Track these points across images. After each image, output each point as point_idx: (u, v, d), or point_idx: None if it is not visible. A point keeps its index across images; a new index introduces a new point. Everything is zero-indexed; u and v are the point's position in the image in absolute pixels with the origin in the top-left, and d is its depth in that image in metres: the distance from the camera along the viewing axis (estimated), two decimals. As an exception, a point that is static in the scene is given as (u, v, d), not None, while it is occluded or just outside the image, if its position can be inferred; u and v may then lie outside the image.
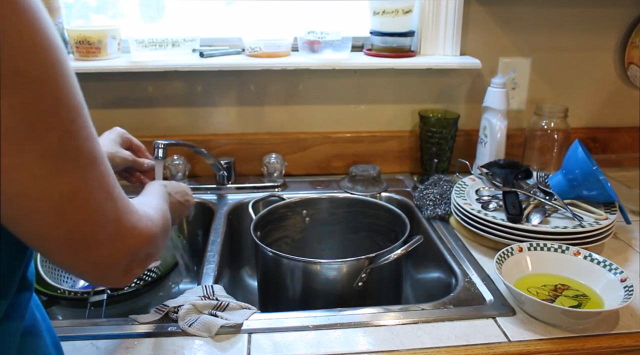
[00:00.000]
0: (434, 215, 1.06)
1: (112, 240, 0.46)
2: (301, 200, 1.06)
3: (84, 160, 0.42)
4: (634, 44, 1.29)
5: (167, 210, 0.63)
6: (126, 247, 0.47)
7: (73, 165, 0.41)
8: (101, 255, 0.45)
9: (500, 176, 1.05)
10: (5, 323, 0.48)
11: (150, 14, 1.31)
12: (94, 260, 0.46)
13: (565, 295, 0.78)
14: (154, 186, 0.73)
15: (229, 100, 1.26)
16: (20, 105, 0.37)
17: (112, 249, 0.46)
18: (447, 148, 1.24)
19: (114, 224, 0.46)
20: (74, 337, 0.71)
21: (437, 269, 0.97)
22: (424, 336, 0.71)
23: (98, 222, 0.44)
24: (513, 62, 1.28)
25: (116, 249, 0.46)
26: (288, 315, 0.76)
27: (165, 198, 0.69)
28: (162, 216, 0.58)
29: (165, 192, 0.71)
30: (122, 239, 0.47)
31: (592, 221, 0.92)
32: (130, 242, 0.48)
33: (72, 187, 0.42)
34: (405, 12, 1.20)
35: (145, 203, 0.59)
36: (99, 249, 0.45)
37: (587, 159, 0.94)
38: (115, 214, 0.46)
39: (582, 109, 1.35)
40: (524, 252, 0.84)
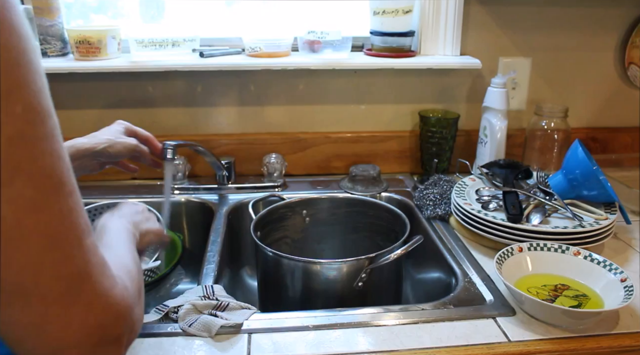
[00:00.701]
0: (434, 215, 1.06)
1: (71, 307, 0.34)
2: (301, 200, 1.06)
3: (44, 181, 0.33)
4: (634, 44, 1.29)
5: (139, 268, 0.51)
6: (93, 321, 0.35)
7: (27, 185, 0.32)
8: (53, 328, 0.34)
9: (501, 176, 1.05)
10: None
11: (150, 13, 1.31)
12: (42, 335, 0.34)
13: (565, 295, 0.78)
14: (114, 228, 0.59)
15: (229, 100, 1.26)
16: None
17: (70, 320, 0.34)
18: (447, 148, 1.24)
19: (78, 285, 0.34)
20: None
21: (437, 269, 0.97)
22: (424, 336, 0.71)
23: (54, 277, 0.33)
24: (513, 62, 1.28)
25: (78, 320, 0.34)
26: (288, 315, 0.76)
27: (133, 247, 0.57)
28: (137, 283, 0.45)
29: (132, 237, 0.61)
30: (88, 308, 0.35)
31: (592, 221, 0.92)
32: (100, 315, 0.35)
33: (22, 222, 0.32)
34: (405, 12, 1.20)
35: (118, 261, 0.45)
36: (49, 318, 0.33)
37: (587, 159, 0.94)
38: (84, 271, 0.35)
39: (582, 109, 1.35)
40: (524, 252, 0.84)
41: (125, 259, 0.50)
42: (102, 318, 0.36)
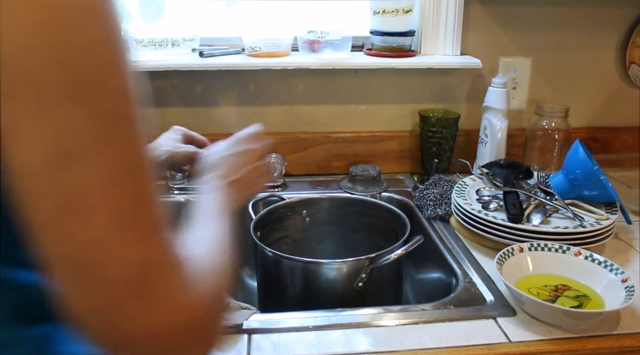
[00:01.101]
0: (434, 215, 1.06)
1: (131, 298, 0.33)
2: (301, 200, 1.06)
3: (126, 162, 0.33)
4: (635, 43, 1.29)
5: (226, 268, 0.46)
6: (153, 321, 0.34)
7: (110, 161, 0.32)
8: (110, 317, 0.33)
9: (501, 176, 1.05)
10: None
11: (149, 13, 1.31)
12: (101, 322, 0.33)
13: (566, 295, 0.77)
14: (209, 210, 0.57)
15: (229, 100, 1.26)
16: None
17: (128, 313, 0.33)
18: (447, 148, 1.23)
19: (143, 275, 0.33)
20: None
21: (437, 269, 0.97)
22: (424, 337, 0.71)
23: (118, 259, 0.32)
24: (513, 61, 1.28)
25: (134, 315, 0.33)
26: (288, 315, 0.76)
27: (226, 234, 0.53)
28: (218, 291, 0.41)
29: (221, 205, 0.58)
30: (148, 305, 0.33)
31: (593, 221, 0.92)
32: (161, 317, 0.34)
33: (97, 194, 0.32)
34: (405, 12, 1.20)
35: (204, 261, 0.42)
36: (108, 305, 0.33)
37: (588, 159, 0.94)
38: (151, 261, 0.34)
39: (583, 109, 1.35)
40: (524, 252, 0.84)
41: (214, 256, 0.46)
42: (163, 320, 0.34)
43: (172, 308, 0.34)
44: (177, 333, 0.35)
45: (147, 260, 0.33)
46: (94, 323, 0.33)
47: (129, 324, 0.33)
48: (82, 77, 0.31)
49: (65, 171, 0.31)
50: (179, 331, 0.35)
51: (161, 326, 0.34)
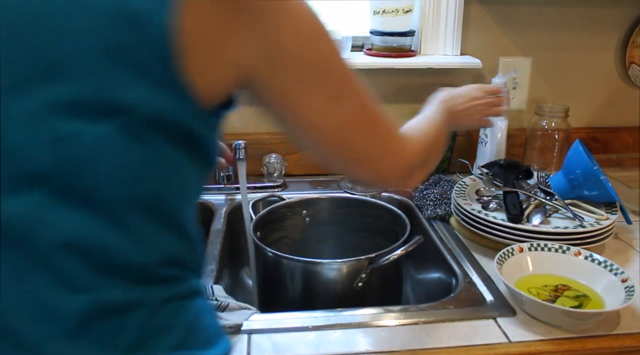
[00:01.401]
0: (434, 215, 1.06)
1: (388, 157, 0.59)
2: (301, 200, 1.06)
3: (355, 96, 0.55)
4: (635, 43, 1.29)
5: (433, 130, 0.71)
6: (400, 161, 0.61)
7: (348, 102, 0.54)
8: (381, 168, 0.60)
9: (501, 176, 1.05)
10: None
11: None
12: (376, 172, 0.60)
13: (565, 295, 0.77)
14: (428, 111, 0.79)
15: (229, 100, 1.26)
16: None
17: (389, 163, 0.60)
18: (447, 148, 1.23)
19: (387, 145, 0.59)
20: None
21: (437, 269, 0.97)
22: (424, 337, 0.71)
23: (374, 144, 0.57)
24: (514, 61, 1.28)
25: (392, 163, 0.60)
26: (288, 315, 0.76)
27: (433, 122, 0.74)
28: (425, 136, 0.69)
29: (435, 118, 0.76)
30: (395, 156, 0.60)
31: (593, 221, 0.92)
32: (402, 156, 0.61)
33: (350, 117, 0.54)
34: (405, 12, 1.20)
35: (411, 128, 0.70)
36: (379, 163, 0.59)
37: (588, 159, 0.94)
38: (387, 136, 0.59)
39: (583, 109, 1.35)
40: (524, 252, 0.84)
41: (422, 133, 0.70)
42: (401, 164, 0.62)
43: (400, 164, 0.62)
44: (405, 172, 0.63)
45: (388, 150, 0.60)
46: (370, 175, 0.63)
47: (385, 175, 0.62)
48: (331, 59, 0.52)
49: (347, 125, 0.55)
50: (405, 171, 0.63)
51: (399, 170, 0.62)
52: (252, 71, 0.47)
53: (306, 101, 0.50)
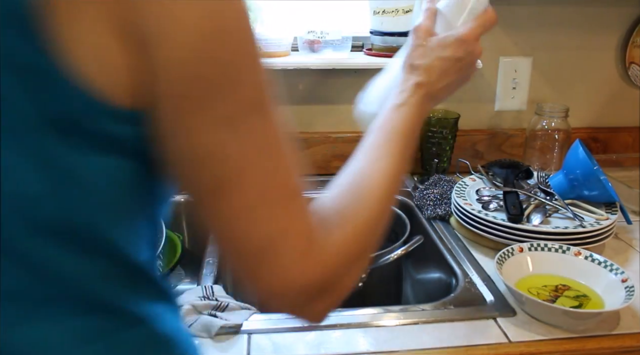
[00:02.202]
0: (434, 215, 1.06)
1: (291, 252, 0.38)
2: (301, 200, 1.05)
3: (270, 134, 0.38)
4: (635, 43, 1.29)
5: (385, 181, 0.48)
6: (313, 263, 0.39)
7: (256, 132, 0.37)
8: (275, 268, 0.38)
9: (501, 176, 1.05)
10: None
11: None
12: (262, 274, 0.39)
13: (566, 295, 0.77)
14: (393, 117, 0.55)
15: (229, 100, 1.26)
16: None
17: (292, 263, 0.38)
18: (447, 148, 1.23)
19: (270, 248, 0.38)
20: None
21: (437, 269, 0.97)
22: (424, 337, 0.71)
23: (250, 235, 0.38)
24: (514, 61, 1.28)
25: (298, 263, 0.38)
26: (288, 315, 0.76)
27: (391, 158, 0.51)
28: (366, 209, 0.45)
29: (411, 126, 0.54)
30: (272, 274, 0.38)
31: (593, 221, 0.92)
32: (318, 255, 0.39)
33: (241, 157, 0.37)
34: (405, 12, 1.20)
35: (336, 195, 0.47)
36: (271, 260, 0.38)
37: (588, 159, 0.94)
38: (278, 235, 0.38)
39: (583, 109, 1.34)
40: (524, 252, 0.84)
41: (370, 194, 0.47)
42: (287, 283, 0.39)
43: (295, 274, 0.39)
44: (301, 293, 0.40)
45: (275, 233, 0.38)
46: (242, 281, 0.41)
47: (261, 285, 0.40)
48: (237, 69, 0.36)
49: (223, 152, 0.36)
50: (302, 291, 0.40)
51: (286, 287, 0.39)
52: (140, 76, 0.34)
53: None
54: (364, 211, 0.45)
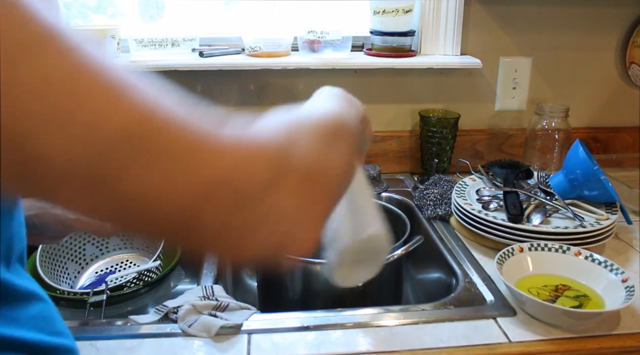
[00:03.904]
0: (434, 215, 1.06)
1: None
2: (301, 200, 1.05)
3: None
4: (635, 43, 1.29)
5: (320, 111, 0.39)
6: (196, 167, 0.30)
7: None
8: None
9: (501, 176, 1.05)
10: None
11: (149, 13, 1.31)
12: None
13: (566, 295, 0.77)
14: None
15: (229, 100, 1.26)
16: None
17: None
18: (447, 148, 1.23)
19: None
20: (74, 337, 0.70)
21: (437, 269, 0.97)
22: (424, 337, 0.71)
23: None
24: (514, 61, 1.28)
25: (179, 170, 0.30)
26: (288, 315, 0.76)
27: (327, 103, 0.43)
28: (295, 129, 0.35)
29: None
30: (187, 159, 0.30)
31: (593, 221, 0.92)
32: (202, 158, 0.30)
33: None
34: (405, 12, 1.20)
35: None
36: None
37: (588, 159, 0.94)
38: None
39: (583, 109, 1.35)
40: (524, 252, 0.84)
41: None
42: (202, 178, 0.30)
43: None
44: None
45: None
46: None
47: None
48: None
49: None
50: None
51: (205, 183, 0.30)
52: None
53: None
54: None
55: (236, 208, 0.31)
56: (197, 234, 0.31)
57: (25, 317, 0.39)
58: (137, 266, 1.04)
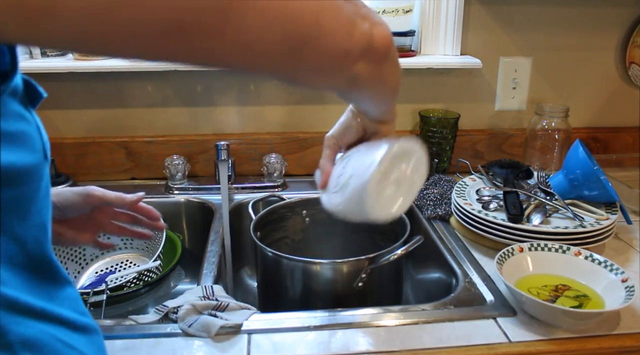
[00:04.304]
0: (434, 215, 1.06)
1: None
2: (301, 200, 1.06)
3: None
4: (635, 43, 1.29)
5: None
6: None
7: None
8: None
9: (501, 176, 1.05)
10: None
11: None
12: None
13: (566, 295, 0.77)
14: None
15: (229, 100, 1.26)
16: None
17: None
18: (447, 148, 1.23)
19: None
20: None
21: (437, 269, 0.97)
22: (424, 337, 0.71)
23: None
24: (514, 61, 1.28)
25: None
26: (288, 315, 0.76)
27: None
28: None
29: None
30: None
31: (593, 221, 0.92)
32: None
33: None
34: (405, 12, 1.20)
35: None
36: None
37: (588, 159, 0.94)
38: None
39: (583, 109, 1.35)
40: (524, 252, 0.84)
41: None
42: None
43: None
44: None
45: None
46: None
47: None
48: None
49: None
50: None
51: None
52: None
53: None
54: None
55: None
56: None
57: (63, 297, 0.43)
58: (137, 266, 1.04)
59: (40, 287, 0.41)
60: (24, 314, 0.38)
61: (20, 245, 0.39)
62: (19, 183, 0.37)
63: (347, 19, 0.37)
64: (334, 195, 0.59)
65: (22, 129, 0.38)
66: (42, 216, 0.42)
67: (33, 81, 0.42)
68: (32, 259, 0.40)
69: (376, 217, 0.56)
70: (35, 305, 0.39)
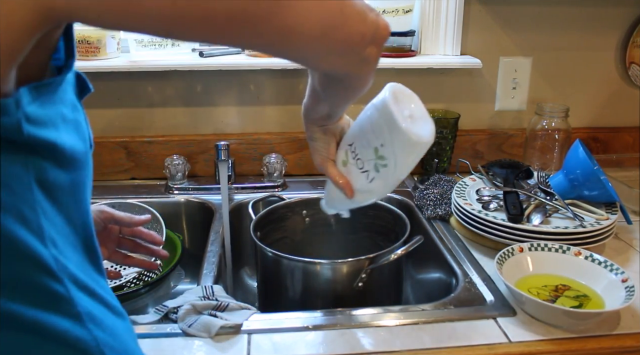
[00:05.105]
0: (434, 215, 1.06)
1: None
2: (301, 200, 1.06)
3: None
4: (635, 43, 1.29)
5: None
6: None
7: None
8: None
9: (501, 176, 1.05)
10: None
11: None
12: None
13: (566, 295, 0.77)
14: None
15: (229, 100, 1.26)
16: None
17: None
18: (447, 148, 1.23)
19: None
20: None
21: (437, 269, 0.97)
22: (424, 337, 0.71)
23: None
24: (514, 61, 1.28)
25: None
26: (288, 315, 0.76)
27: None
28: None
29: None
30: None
31: (593, 221, 0.92)
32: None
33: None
34: (405, 12, 1.20)
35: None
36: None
37: (588, 159, 0.94)
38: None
39: (583, 109, 1.35)
40: (524, 252, 0.84)
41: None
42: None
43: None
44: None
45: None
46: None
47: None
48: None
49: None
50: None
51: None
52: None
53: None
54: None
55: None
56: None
57: (103, 283, 0.45)
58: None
59: (90, 270, 0.43)
60: (83, 291, 0.40)
61: (75, 228, 0.41)
62: (76, 167, 0.40)
63: (361, 9, 0.45)
64: (362, 176, 0.61)
65: (76, 117, 0.42)
66: (88, 204, 0.44)
67: (83, 75, 0.46)
68: (83, 243, 0.43)
69: (422, 146, 0.62)
70: (89, 284, 0.41)
